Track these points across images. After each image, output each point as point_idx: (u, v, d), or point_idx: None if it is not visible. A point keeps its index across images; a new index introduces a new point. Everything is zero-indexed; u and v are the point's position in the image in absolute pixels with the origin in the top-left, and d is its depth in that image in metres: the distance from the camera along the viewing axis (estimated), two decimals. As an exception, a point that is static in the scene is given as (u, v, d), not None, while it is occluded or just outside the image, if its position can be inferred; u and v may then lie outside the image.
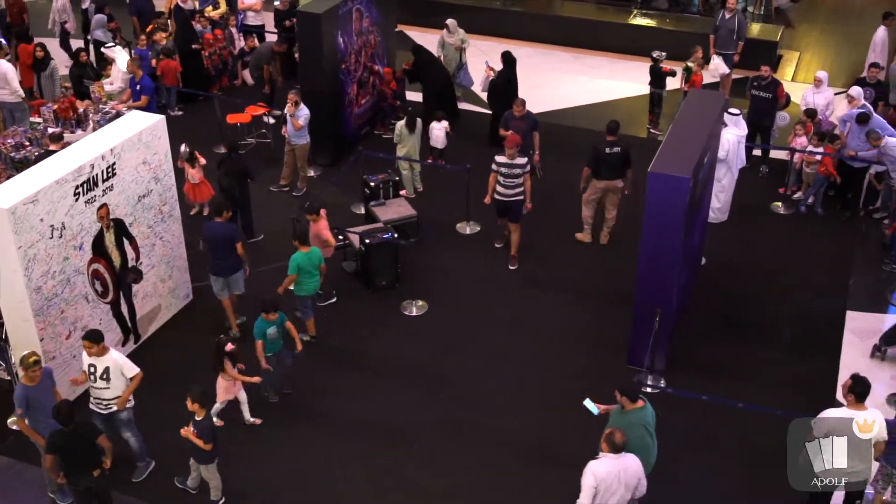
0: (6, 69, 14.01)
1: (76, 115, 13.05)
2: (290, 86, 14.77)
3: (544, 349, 10.65)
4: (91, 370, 8.54)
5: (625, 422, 7.73)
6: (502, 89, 14.59)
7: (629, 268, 10.21)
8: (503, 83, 14.65)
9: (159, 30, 16.19)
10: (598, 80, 17.60)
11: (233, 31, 17.16)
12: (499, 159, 11.46)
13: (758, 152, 14.09)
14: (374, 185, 12.56)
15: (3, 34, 16.50)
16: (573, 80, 17.63)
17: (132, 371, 8.53)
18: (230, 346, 9.13)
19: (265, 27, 17.69)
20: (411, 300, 11.36)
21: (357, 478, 9.01)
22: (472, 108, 16.23)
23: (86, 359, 8.59)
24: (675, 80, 15.23)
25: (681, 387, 9.82)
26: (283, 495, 8.82)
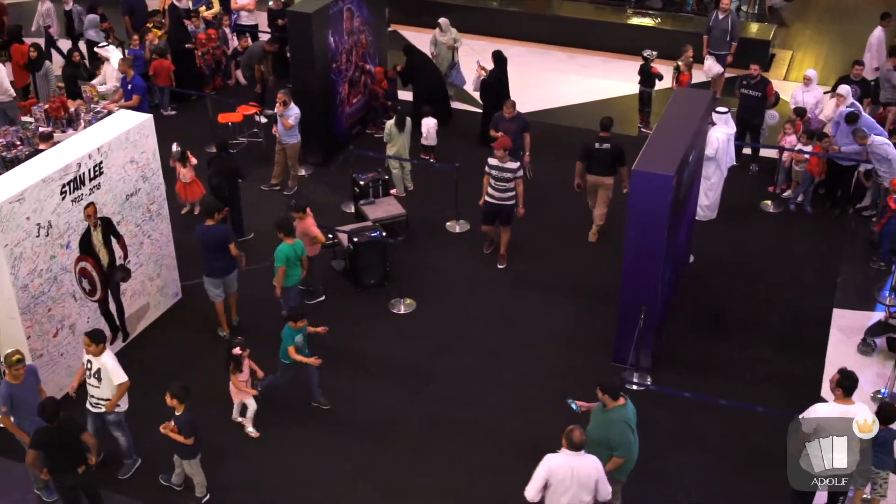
0: (-3, 70, 14.10)
1: (67, 114, 13.10)
2: (282, 85, 14.82)
3: (532, 347, 10.68)
4: (88, 366, 8.64)
5: (606, 419, 7.77)
6: (493, 88, 14.65)
7: (618, 266, 10.23)
8: (494, 82, 14.69)
9: (155, 27, 16.25)
10: (591, 80, 17.64)
11: (226, 30, 17.19)
12: (491, 162, 11.46)
13: (748, 151, 14.13)
14: (363, 183, 12.61)
15: None
16: (566, 80, 17.67)
17: (119, 379, 8.54)
18: (236, 350, 9.10)
19: (258, 27, 17.74)
20: (400, 298, 11.40)
21: (344, 474, 9.04)
22: (463, 107, 16.26)
23: (85, 354, 8.67)
24: (667, 80, 15.26)
25: (668, 384, 9.85)
26: (268, 492, 8.86)
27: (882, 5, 20.30)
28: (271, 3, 17.21)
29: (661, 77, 15.00)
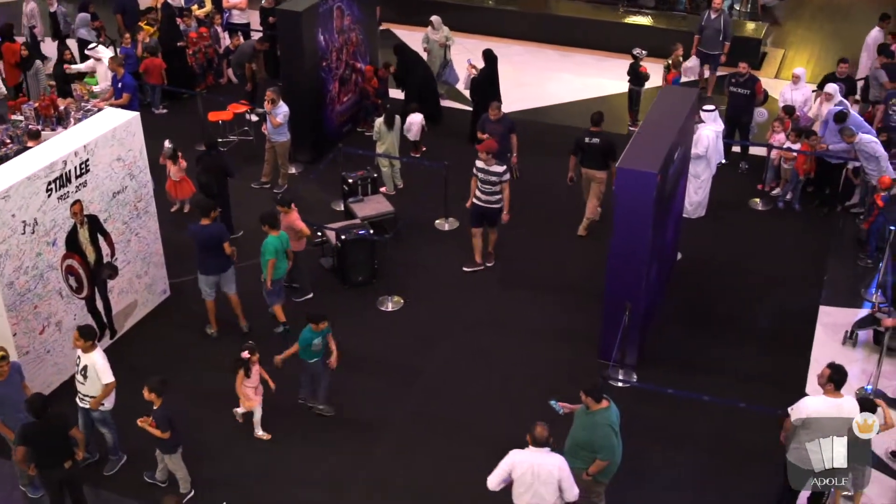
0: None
1: (57, 112, 13.12)
2: (273, 83, 14.82)
3: (518, 344, 10.70)
4: (77, 361, 8.67)
5: (590, 422, 7.74)
6: (484, 87, 14.66)
7: (605, 263, 10.25)
8: (484, 81, 14.71)
9: (148, 24, 16.27)
10: (584, 78, 17.67)
11: (217, 29, 17.22)
12: (478, 164, 11.38)
13: (737, 149, 14.15)
14: (352, 181, 12.63)
15: None
16: (559, 78, 17.69)
17: (106, 378, 8.56)
18: (244, 354, 9.00)
19: (250, 25, 17.77)
20: (387, 296, 11.42)
21: (330, 472, 9.07)
22: (454, 105, 16.28)
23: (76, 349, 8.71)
24: (658, 79, 15.28)
25: (654, 381, 9.87)
26: (254, 488, 8.88)
27: (874, 4, 20.37)
28: (263, 1, 17.23)
29: (647, 77, 15.04)
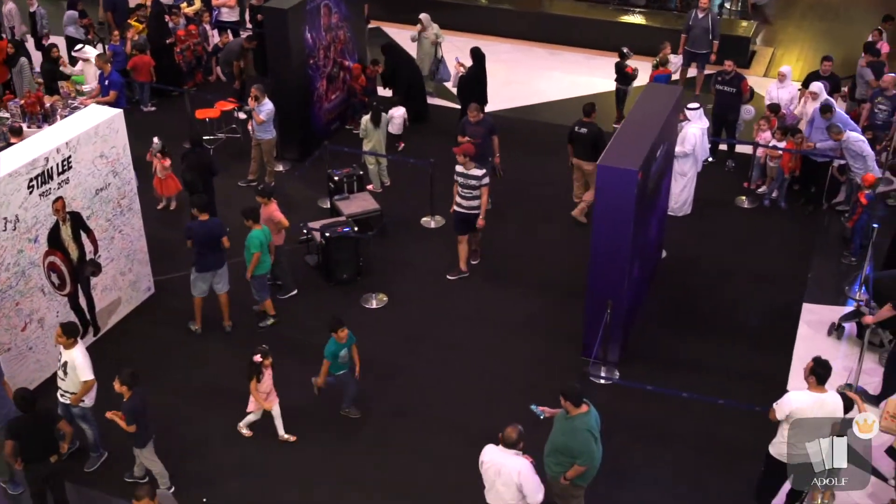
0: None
1: (43, 110, 13.12)
2: (260, 81, 14.82)
3: (502, 341, 10.72)
4: (59, 356, 8.69)
5: (569, 427, 7.67)
6: (471, 85, 14.67)
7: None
8: (472, 79, 14.72)
9: (137, 21, 16.26)
10: (573, 76, 17.67)
11: (206, 27, 17.21)
12: (457, 168, 11.25)
13: (724, 147, 14.16)
14: (338, 179, 12.63)
15: None
16: (549, 76, 17.70)
17: (84, 376, 8.57)
18: (256, 358, 8.96)
19: (239, 23, 17.75)
20: (372, 293, 11.43)
21: (311, 466, 9.09)
22: (441, 102, 16.29)
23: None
24: (646, 77, 15.28)
25: (638, 379, 9.88)
26: (232, 484, 8.90)
27: (864, 3, 20.42)
28: (254, -1, 17.24)
29: (635, 76, 15.05)
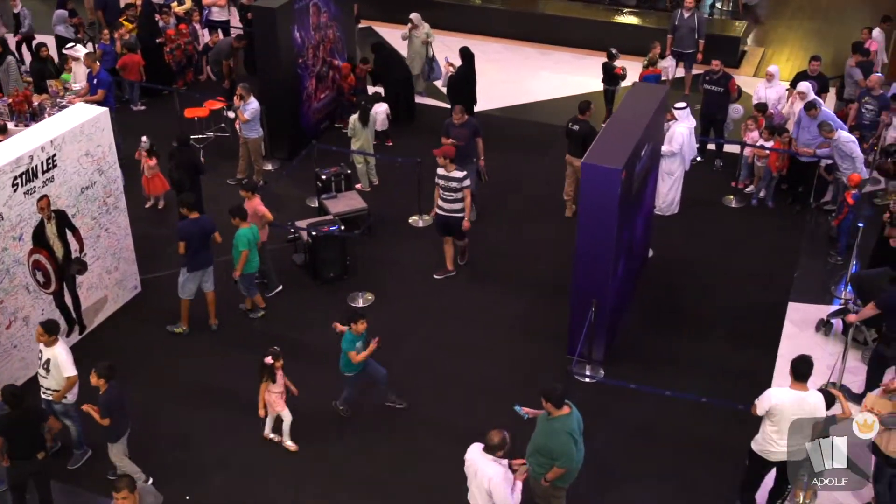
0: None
1: (31, 108, 13.11)
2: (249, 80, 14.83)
3: (488, 340, 10.73)
4: (39, 355, 8.69)
5: (549, 428, 7.66)
6: (461, 85, 14.68)
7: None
8: (461, 79, 14.73)
9: (127, 20, 16.25)
10: (563, 76, 17.70)
11: (196, 26, 17.21)
12: (438, 171, 11.19)
13: (712, 146, 14.19)
14: (325, 178, 12.64)
15: None
16: (539, 76, 17.73)
17: (67, 372, 8.57)
18: (268, 360, 8.93)
19: (230, 23, 17.76)
20: (359, 292, 11.43)
21: (295, 464, 9.09)
22: (430, 102, 16.30)
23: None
24: (635, 76, 15.30)
25: (623, 377, 9.88)
26: (215, 482, 8.90)
27: (855, 3, 20.46)
28: (244, -2, 17.25)
29: (623, 77, 15.09)
